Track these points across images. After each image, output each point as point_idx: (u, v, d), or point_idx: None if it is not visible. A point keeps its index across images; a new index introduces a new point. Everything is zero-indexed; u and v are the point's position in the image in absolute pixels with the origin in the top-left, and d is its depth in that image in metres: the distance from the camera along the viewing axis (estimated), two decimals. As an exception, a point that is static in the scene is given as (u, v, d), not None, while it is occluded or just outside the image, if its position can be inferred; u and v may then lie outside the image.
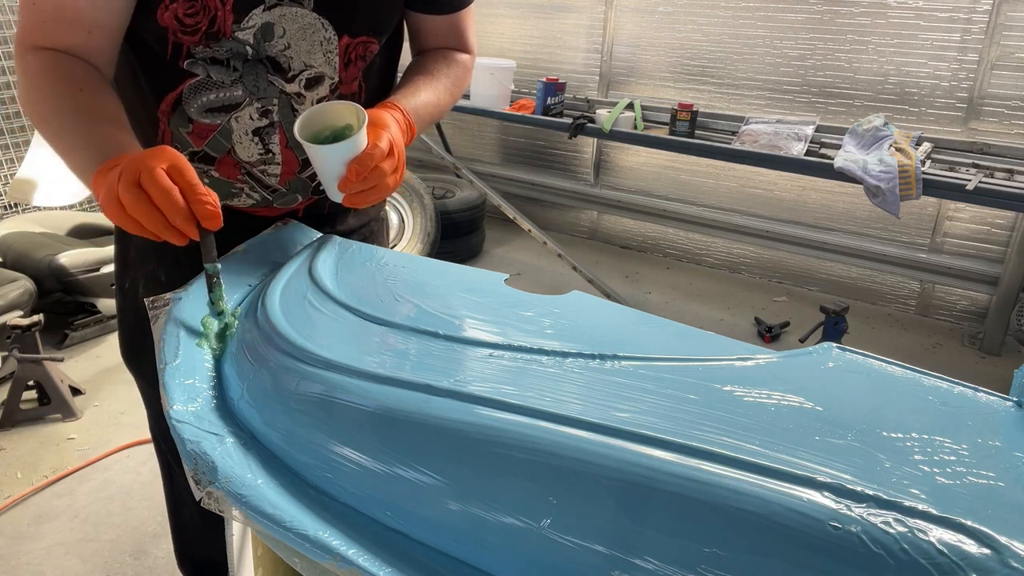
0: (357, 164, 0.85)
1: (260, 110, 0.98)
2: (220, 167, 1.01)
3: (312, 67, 0.97)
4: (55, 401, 2.34)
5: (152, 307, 0.84)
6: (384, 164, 0.88)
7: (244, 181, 1.03)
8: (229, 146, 0.99)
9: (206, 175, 1.01)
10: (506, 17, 3.93)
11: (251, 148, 1.00)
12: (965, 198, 2.41)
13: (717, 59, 3.40)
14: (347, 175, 0.86)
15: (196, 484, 0.63)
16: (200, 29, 0.90)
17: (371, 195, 0.90)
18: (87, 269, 2.71)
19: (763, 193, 3.48)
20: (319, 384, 0.69)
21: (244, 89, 0.95)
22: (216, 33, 0.91)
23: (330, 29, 0.96)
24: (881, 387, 0.70)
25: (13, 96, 3.22)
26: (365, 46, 1.01)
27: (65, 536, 1.88)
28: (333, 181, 0.88)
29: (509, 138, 4.20)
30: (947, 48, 2.89)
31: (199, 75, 0.94)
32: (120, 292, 1.16)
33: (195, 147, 0.99)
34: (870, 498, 0.52)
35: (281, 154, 1.01)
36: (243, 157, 1.00)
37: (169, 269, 1.07)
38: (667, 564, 0.52)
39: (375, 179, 0.88)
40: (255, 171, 1.02)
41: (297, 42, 0.95)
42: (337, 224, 1.15)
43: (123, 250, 1.14)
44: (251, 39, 0.93)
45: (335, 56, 0.98)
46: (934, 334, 3.19)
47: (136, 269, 1.11)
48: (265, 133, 0.99)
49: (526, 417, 0.61)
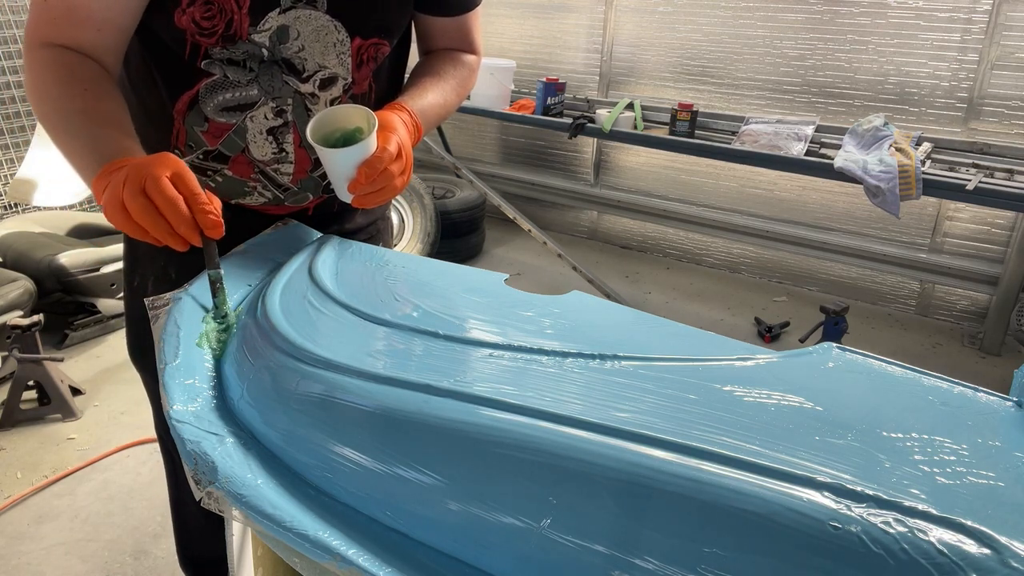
0: (367, 168, 0.88)
1: (275, 109, 0.99)
2: (233, 166, 1.02)
3: (326, 68, 0.99)
4: (55, 401, 2.34)
5: (152, 307, 0.84)
6: (393, 167, 0.91)
7: (257, 180, 1.04)
8: (243, 145, 1.00)
9: (219, 174, 1.03)
10: (506, 17, 3.93)
11: (265, 147, 1.01)
12: (965, 198, 2.41)
13: (717, 59, 3.40)
14: (357, 178, 0.89)
15: (196, 484, 0.63)
16: (217, 32, 0.92)
17: (379, 196, 0.92)
18: (87, 269, 2.71)
19: (763, 193, 3.48)
20: (319, 384, 0.69)
21: (260, 89, 0.97)
22: (233, 36, 0.92)
23: (343, 31, 0.98)
24: (881, 387, 0.70)
25: (13, 96, 3.22)
26: (377, 48, 1.02)
27: (65, 536, 1.88)
28: (343, 183, 0.91)
29: (509, 138, 4.20)
30: (947, 48, 2.89)
31: (216, 75, 0.95)
32: (129, 289, 1.17)
33: (209, 146, 1.00)
34: (870, 498, 0.52)
35: (294, 153, 1.03)
36: (257, 156, 1.01)
37: (179, 266, 1.07)
38: (667, 564, 0.52)
39: (384, 181, 0.90)
40: (268, 170, 1.03)
41: (311, 44, 0.96)
42: (345, 222, 1.17)
43: (132, 247, 1.15)
44: (267, 41, 0.94)
45: (348, 57, 1.00)
46: (934, 334, 3.18)
47: (146, 266, 1.12)
48: (279, 132, 1.01)
49: (526, 417, 0.61)
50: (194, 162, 1.02)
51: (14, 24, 3.18)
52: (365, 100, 1.06)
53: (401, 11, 1.04)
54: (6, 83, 3.19)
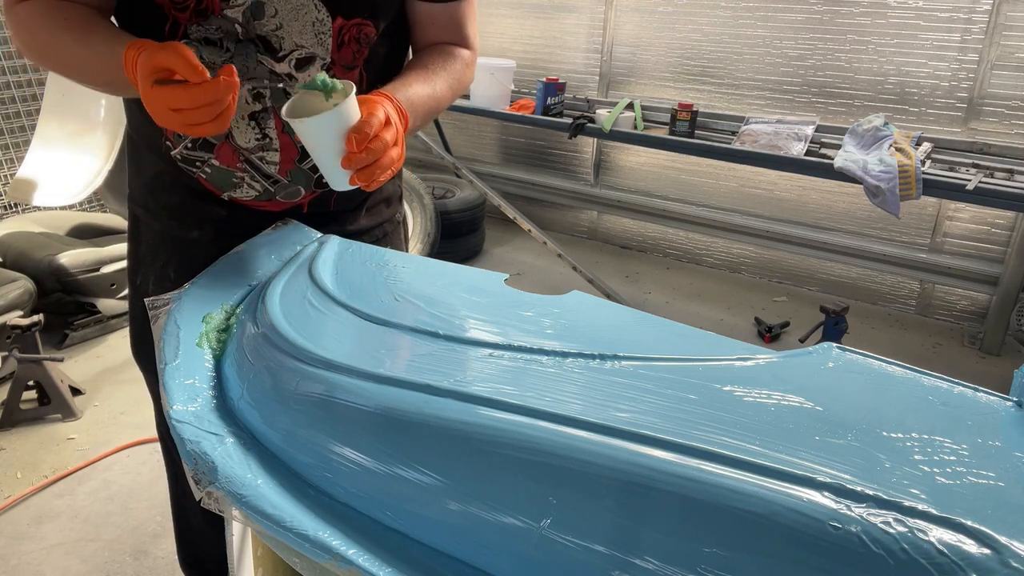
0: (356, 133, 0.82)
1: (252, 92, 0.98)
2: (219, 154, 1.01)
3: (303, 47, 0.97)
4: (55, 401, 2.34)
5: (152, 307, 0.84)
6: (384, 134, 0.85)
7: (244, 170, 1.03)
8: (227, 131, 0.99)
9: (207, 164, 1.02)
10: (506, 17, 3.93)
11: (248, 133, 1.00)
12: (965, 198, 2.41)
13: (717, 59, 3.40)
14: (348, 148, 0.83)
15: (196, 484, 0.63)
16: (189, 6, 0.91)
17: (376, 170, 0.86)
18: (87, 269, 2.71)
19: (763, 193, 3.48)
20: (319, 384, 0.69)
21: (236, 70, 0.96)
22: (204, 10, 0.92)
23: (323, 10, 0.96)
24: (881, 387, 0.70)
25: (13, 96, 3.22)
26: (360, 28, 1.00)
27: (65, 536, 1.88)
28: (333, 159, 0.84)
29: (509, 138, 4.20)
30: (947, 48, 2.89)
31: None
32: (132, 287, 1.17)
33: None
34: (870, 498, 0.52)
35: (278, 139, 1.02)
36: (241, 143, 1.01)
37: (178, 266, 1.08)
38: (667, 564, 0.52)
39: (378, 150, 0.84)
40: (254, 158, 1.02)
41: (289, 22, 0.95)
42: (347, 224, 1.14)
43: (135, 247, 1.15)
44: (240, 17, 0.93)
45: (328, 37, 0.98)
46: (934, 334, 3.18)
47: (147, 266, 1.13)
48: (260, 118, 1.00)
49: (526, 417, 0.61)
50: (182, 152, 1.02)
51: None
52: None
53: None
54: (6, 83, 3.19)
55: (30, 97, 3.29)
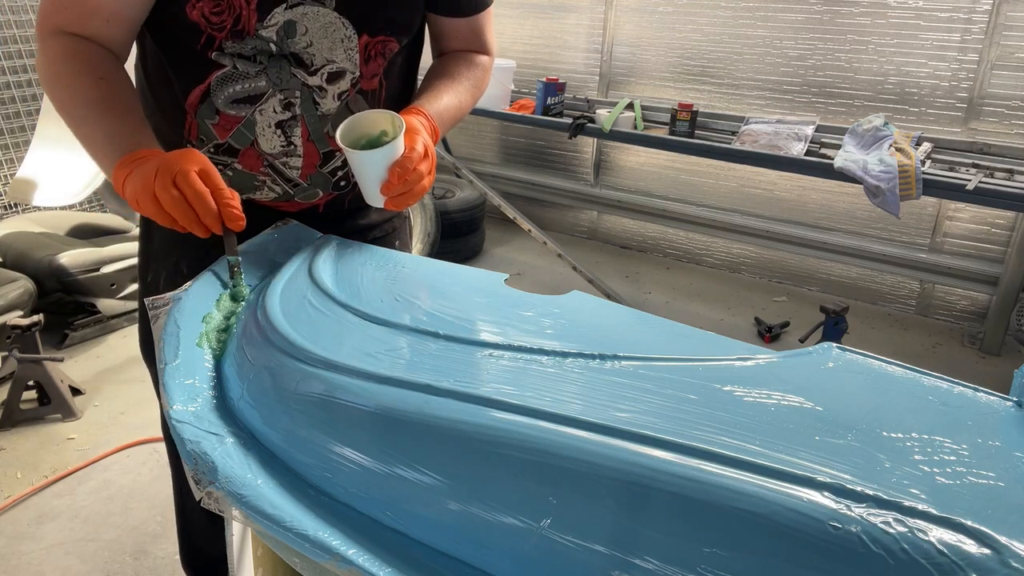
0: (400, 168, 0.91)
1: (283, 102, 1.01)
2: (243, 159, 1.03)
3: (333, 62, 1.01)
4: (55, 401, 2.34)
5: (152, 307, 0.84)
6: (421, 166, 0.93)
7: (267, 174, 1.05)
8: (252, 138, 1.02)
9: (230, 167, 1.04)
10: (506, 17, 3.93)
11: (274, 140, 1.03)
12: (965, 198, 2.41)
13: (717, 59, 3.40)
14: (390, 179, 0.91)
15: (196, 484, 0.63)
16: (226, 27, 0.94)
17: (409, 197, 0.94)
18: (87, 269, 2.71)
19: (763, 193, 3.48)
20: (319, 384, 0.69)
21: (268, 80, 0.99)
22: (241, 31, 0.95)
23: (350, 28, 1.00)
24: (881, 387, 0.70)
25: (13, 96, 3.22)
26: (384, 44, 1.04)
27: (65, 536, 1.88)
28: (375, 185, 0.93)
29: (509, 138, 4.20)
30: (947, 48, 2.89)
31: (226, 66, 0.97)
32: (143, 284, 1.19)
33: (219, 139, 1.02)
34: (870, 498, 0.52)
35: (303, 147, 1.04)
36: (266, 149, 1.03)
37: (191, 262, 1.09)
38: (667, 564, 0.52)
39: (415, 181, 0.93)
40: (277, 163, 1.05)
41: (319, 40, 0.98)
42: (359, 219, 1.18)
43: (147, 244, 1.17)
44: (274, 36, 0.96)
45: (355, 53, 1.02)
46: (934, 334, 3.18)
47: (159, 262, 1.14)
48: (287, 126, 1.02)
49: (526, 417, 0.61)
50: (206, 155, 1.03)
51: (14, 24, 3.18)
52: (375, 97, 1.08)
53: (409, 9, 1.05)
54: (6, 83, 3.19)
55: (30, 97, 3.29)
